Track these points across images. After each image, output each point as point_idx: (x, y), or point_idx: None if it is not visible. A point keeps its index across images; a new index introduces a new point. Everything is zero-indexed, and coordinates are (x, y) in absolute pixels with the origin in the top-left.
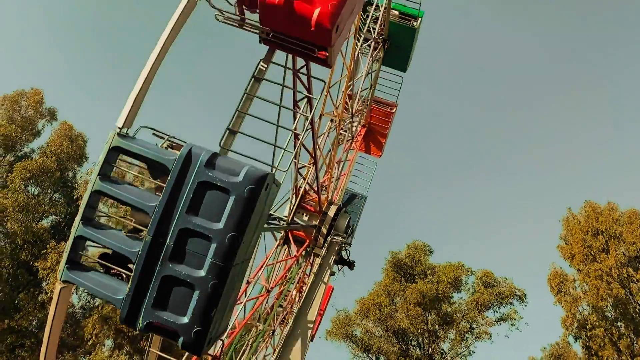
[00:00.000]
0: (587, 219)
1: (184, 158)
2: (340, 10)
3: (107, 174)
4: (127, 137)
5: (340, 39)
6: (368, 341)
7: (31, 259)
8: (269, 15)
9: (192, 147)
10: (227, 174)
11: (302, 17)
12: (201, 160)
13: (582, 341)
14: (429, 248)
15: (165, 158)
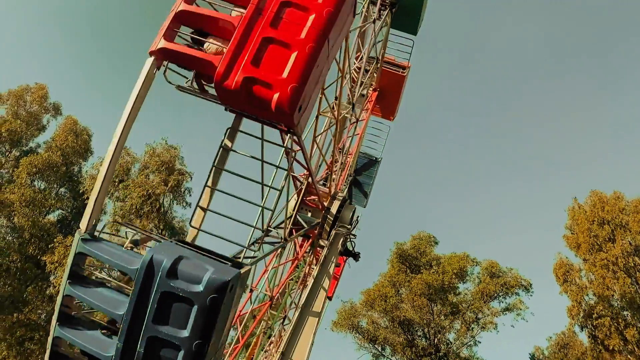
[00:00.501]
0: (593, 209)
1: (145, 269)
2: (302, 91)
3: (76, 276)
4: (92, 242)
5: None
6: (374, 332)
7: (38, 253)
8: (227, 98)
9: (154, 255)
10: (189, 283)
11: (261, 101)
12: (162, 269)
13: (588, 330)
14: (434, 239)
15: (127, 268)
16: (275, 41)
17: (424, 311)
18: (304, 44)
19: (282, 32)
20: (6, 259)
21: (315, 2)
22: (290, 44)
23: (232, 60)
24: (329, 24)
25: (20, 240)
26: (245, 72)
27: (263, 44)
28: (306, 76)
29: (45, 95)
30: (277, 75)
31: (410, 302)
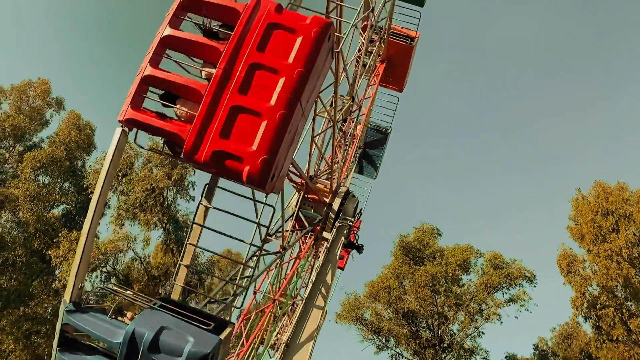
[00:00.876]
0: (597, 199)
1: (127, 343)
2: (273, 161)
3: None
4: (76, 313)
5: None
6: (378, 324)
7: (44, 247)
8: (199, 167)
9: (135, 328)
10: (170, 356)
11: (232, 172)
12: (144, 342)
13: (592, 321)
14: (438, 231)
15: (111, 342)
16: (244, 110)
17: (427, 303)
18: (274, 112)
19: (251, 99)
20: (12, 253)
21: (284, 62)
22: (260, 112)
23: (199, 132)
24: (300, 85)
25: (26, 234)
26: (214, 146)
27: (232, 113)
28: (277, 146)
29: (48, 90)
30: (246, 147)
31: (413, 294)
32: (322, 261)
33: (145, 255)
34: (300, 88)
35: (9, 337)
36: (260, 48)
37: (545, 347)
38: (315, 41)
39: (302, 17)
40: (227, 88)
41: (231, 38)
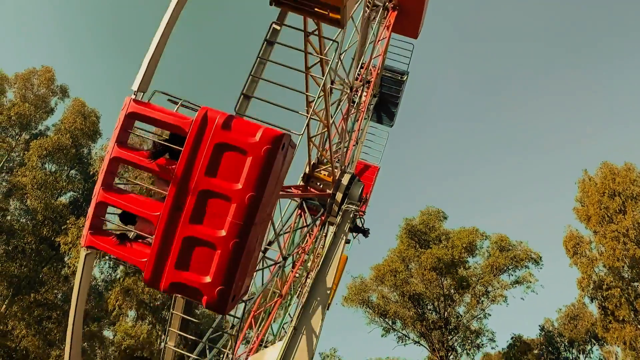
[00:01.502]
0: (604, 180)
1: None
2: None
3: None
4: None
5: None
6: (384, 306)
7: (52, 234)
8: None
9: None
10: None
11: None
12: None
13: (597, 302)
14: (443, 214)
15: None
16: (197, 241)
17: (433, 285)
18: (227, 242)
19: (204, 229)
20: (21, 240)
21: (235, 188)
22: (213, 243)
23: (156, 265)
24: (252, 211)
25: (34, 222)
26: (172, 278)
27: (185, 245)
28: (232, 274)
29: (52, 78)
30: (202, 278)
31: (420, 277)
32: (329, 246)
33: None
34: (252, 214)
35: (20, 322)
36: (209, 172)
37: (551, 327)
38: (266, 160)
39: (252, 129)
40: (180, 217)
41: (179, 162)
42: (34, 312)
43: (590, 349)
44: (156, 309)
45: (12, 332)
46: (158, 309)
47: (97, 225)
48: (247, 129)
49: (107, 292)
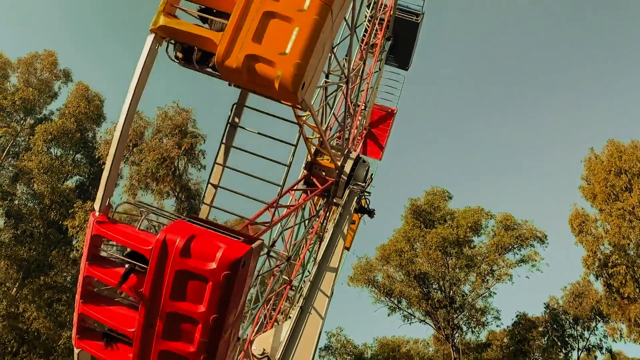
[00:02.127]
0: (610, 158)
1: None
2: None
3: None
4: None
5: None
6: (389, 286)
7: (60, 218)
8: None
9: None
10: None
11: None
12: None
13: (603, 279)
14: (448, 194)
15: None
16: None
17: (439, 264)
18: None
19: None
20: (29, 224)
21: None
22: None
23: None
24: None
25: (42, 206)
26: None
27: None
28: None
29: (55, 62)
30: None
31: (425, 256)
32: (334, 227)
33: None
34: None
35: (31, 305)
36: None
37: (556, 305)
38: (226, 285)
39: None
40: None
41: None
42: (44, 295)
43: (595, 326)
44: None
45: (24, 314)
46: None
47: (83, 329)
48: (207, 251)
49: None
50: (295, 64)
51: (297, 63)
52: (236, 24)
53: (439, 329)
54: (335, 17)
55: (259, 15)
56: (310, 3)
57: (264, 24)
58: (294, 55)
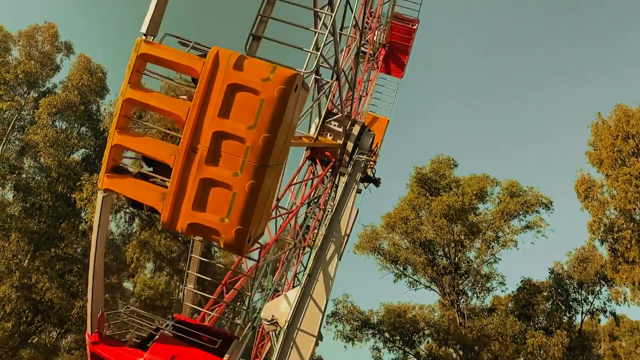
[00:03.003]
0: (618, 123)
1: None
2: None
3: (136, 82)
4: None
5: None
6: (395, 253)
7: (67, 191)
8: None
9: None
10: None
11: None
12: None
13: (608, 244)
14: (454, 161)
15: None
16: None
17: (444, 231)
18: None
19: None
20: (38, 197)
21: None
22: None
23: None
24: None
25: (49, 179)
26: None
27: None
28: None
29: (56, 34)
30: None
31: (430, 224)
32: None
33: None
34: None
35: (43, 276)
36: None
37: (561, 270)
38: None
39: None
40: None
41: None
42: (55, 266)
43: (599, 290)
44: (173, 261)
45: (37, 285)
46: (175, 260)
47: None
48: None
49: (125, 246)
50: (235, 230)
51: (238, 229)
52: (176, 191)
53: (444, 294)
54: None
55: (197, 182)
56: (245, 167)
57: (203, 191)
58: (234, 221)
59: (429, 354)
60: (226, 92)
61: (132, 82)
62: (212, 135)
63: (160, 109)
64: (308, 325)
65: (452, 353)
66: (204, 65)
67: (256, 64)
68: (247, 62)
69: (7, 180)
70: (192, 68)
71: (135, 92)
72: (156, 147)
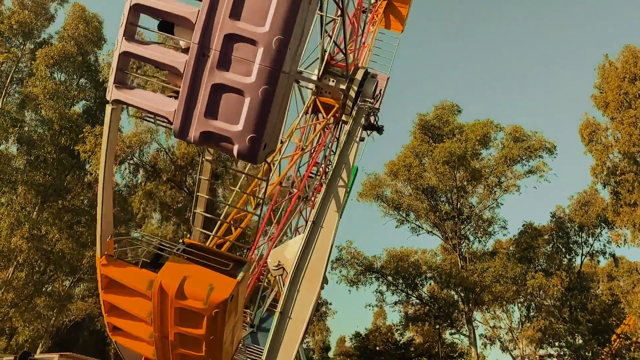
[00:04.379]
0: (625, 65)
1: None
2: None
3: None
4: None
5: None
6: (398, 200)
7: (71, 143)
8: None
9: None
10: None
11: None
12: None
13: (610, 187)
14: (457, 107)
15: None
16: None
17: (446, 178)
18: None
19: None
20: (42, 150)
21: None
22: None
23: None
24: (281, 54)
25: (52, 132)
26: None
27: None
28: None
29: None
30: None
31: (433, 171)
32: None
33: (169, 146)
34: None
35: (53, 227)
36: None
37: (562, 214)
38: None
39: None
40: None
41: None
42: (64, 218)
43: (599, 232)
44: (179, 211)
45: (47, 236)
46: (181, 210)
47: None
48: None
49: (131, 197)
50: (250, 138)
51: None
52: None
53: (447, 239)
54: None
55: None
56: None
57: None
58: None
59: (431, 296)
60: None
61: None
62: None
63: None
64: (313, 269)
65: (454, 295)
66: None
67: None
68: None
69: (10, 134)
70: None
71: None
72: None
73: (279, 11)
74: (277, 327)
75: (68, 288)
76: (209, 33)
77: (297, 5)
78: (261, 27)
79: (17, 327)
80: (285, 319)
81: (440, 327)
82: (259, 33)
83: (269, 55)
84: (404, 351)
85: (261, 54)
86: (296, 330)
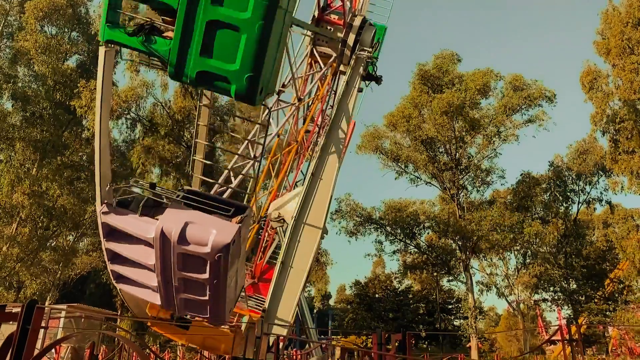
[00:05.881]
0: (629, 9)
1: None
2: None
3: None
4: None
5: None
6: (397, 152)
7: (66, 98)
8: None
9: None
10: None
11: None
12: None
13: (609, 135)
14: (457, 56)
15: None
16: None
17: (445, 129)
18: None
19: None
20: (37, 106)
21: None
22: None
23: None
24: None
25: (46, 87)
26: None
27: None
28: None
29: None
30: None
31: (432, 122)
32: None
33: (165, 101)
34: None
35: (53, 183)
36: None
37: (560, 163)
38: None
39: None
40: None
41: None
42: (63, 174)
43: (596, 180)
44: (178, 165)
45: (47, 192)
46: (180, 164)
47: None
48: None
49: (129, 152)
50: (247, 77)
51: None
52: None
53: (445, 189)
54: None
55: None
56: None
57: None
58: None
59: (429, 245)
60: None
61: None
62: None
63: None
64: (313, 219)
65: (452, 244)
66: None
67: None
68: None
69: (4, 90)
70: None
71: None
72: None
73: None
74: (278, 276)
75: (72, 243)
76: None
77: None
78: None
79: (25, 280)
80: (287, 269)
81: (438, 274)
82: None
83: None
84: (402, 298)
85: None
86: (297, 279)
